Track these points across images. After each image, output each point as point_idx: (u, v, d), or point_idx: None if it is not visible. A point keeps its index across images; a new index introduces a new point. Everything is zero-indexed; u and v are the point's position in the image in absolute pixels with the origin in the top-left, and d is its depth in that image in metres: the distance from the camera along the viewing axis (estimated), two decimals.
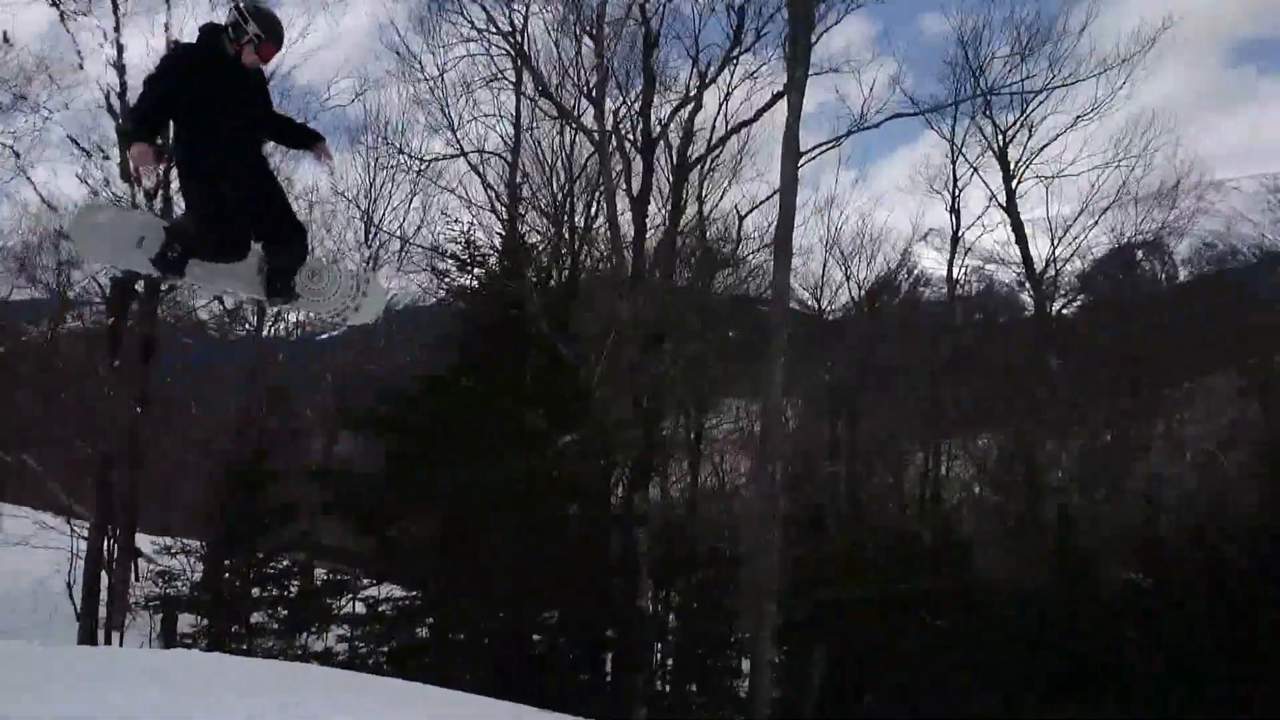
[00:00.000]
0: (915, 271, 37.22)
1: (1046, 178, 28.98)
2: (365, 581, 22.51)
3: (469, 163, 25.21)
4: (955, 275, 32.02)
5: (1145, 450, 30.38)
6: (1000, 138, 28.80)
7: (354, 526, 21.97)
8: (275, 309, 6.00)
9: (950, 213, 30.38)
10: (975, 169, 29.65)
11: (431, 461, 19.98)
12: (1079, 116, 27.74)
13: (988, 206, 29.95)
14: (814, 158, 23.61)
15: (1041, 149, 28.63)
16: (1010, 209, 29.04)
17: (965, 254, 31.54)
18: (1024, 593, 24.85)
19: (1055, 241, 29.91)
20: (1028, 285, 30.72)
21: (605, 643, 21.86)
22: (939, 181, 30.59)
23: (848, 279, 33.11)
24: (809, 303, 33.16)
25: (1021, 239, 29.38)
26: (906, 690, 22.01)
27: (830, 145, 24.58)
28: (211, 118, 6.05)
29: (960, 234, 30.63)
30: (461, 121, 24.95)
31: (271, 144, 7.35)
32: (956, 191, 30.02)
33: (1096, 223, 29.63)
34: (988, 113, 28.72)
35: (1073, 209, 30.09)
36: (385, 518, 20.82)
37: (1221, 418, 35.29)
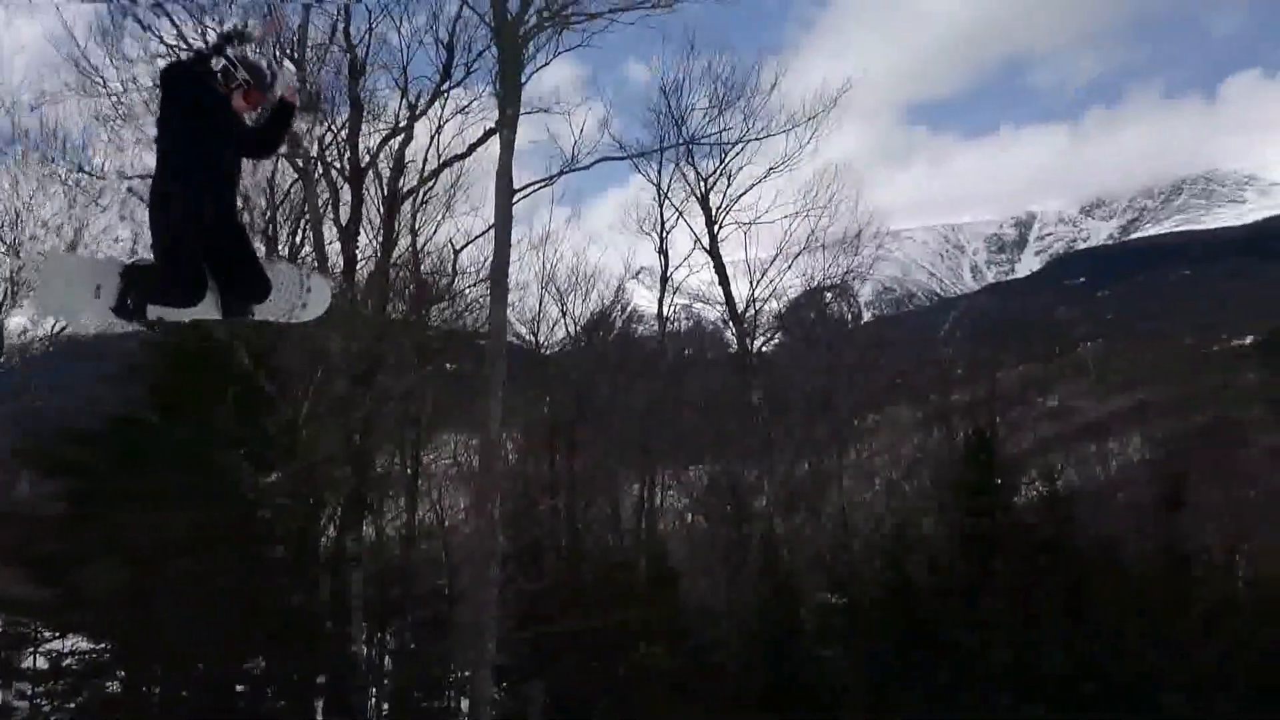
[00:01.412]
0: (628, 309, 38.20)
1: (744, 223, 30.68)
2: (47, 634, 20.75)
3: None
4: (665, 313, 33.15)
5: (838, 478, 32.43)
6: (702, 184, 30.27)
7: (33, 575, 19.91)
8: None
9: (659, 253, 31.48)
10: (681, 213, 30.96)
11: (119, 504, 18.48)
12: (772, 168, 29.77)
13: (693, 249, 31.18)
14: (527, 195, 23.84)
15: (740, 196, 30.34)
16: (713, 252, 30.45)
17: (674, 293, 32.75)
18: (733, 616, 25.85)
19: (754, 283, 31.65)
20: (731, 324, 32.23)
21: (316, 690, 20.83)
22: (648, 223, 31.54)
23: (564, 315, 33.53)
24: (526, 337, 33.31)
25: (724, 280, 30.89)
26: (625, 717, 22.27)
27: (543, 184, 24.94)
28: (201, 146, 6.21)
29: (669, 274, 31.75)
30: (151, 140, 23.34)
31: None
32: (664, 233, 31.17)
33: (790, 266, 31.72)
34: (690, 160, 30.17)
35: (769, 253, 31.91)
36: (68, 565, 19.00)
37: (904, 447, 38.33)
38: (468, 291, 28.38)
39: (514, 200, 21.89)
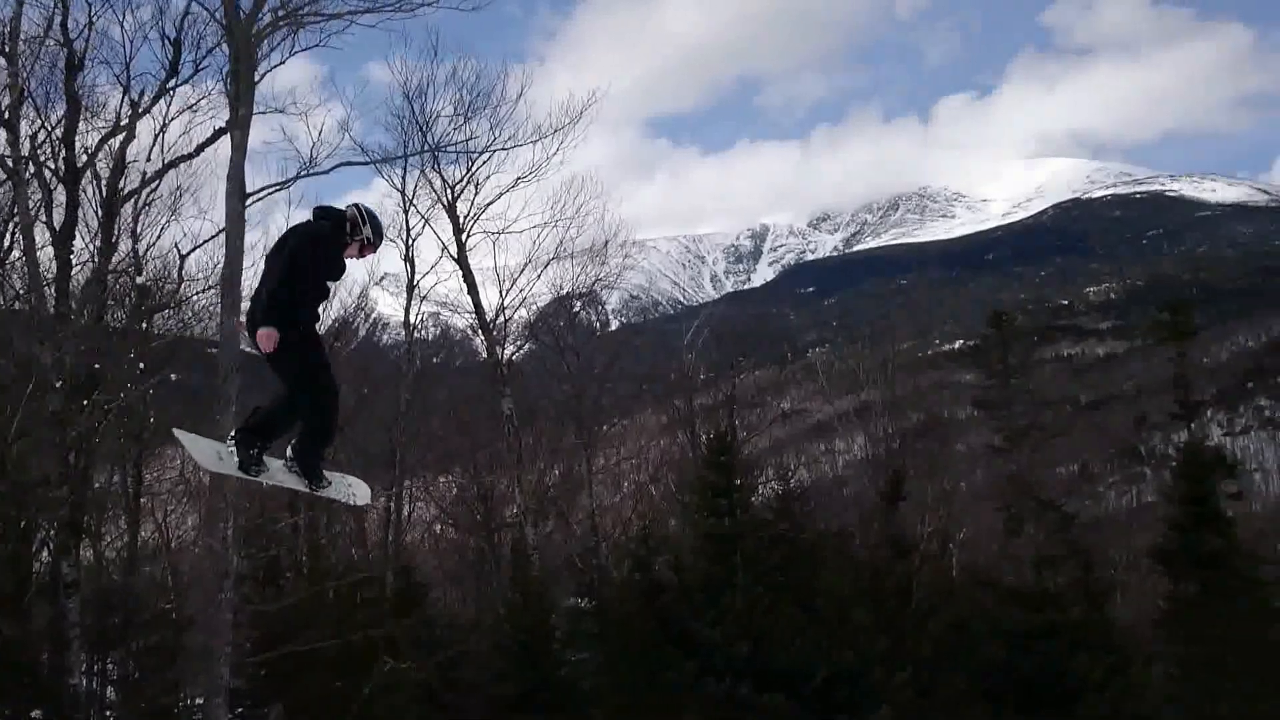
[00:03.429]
0: (372, 316, 37.26)
1: (493, 233, 30.49)
2: None
3: None
4: (412, 321, 32.41)
5: (588, 483, 32.92)
6: (449, 192, 29.71)
7: None
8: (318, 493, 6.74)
9: (405, 260, 30.65)
10: (427, 220, 30.30)
11: None
12: (520, 178, 29.62)
13: (441, 257, 30.60)
14: (262, 198, 22.56)
15: (488, 205, 30.02)
16: (461, 260, 30.08)
17: (421, 300, 32.08)
18: (483, 626, 25.73)
19: (504, 292, 31.54)
20: (480, 332, 32.04)
21: None
22: (393, 230, 30.54)
23: None
24: None
25: (472, 289, 30.59)
26: None
27: (278, 187, 23.55)
28: (318, 291, 7.42)
29: (416, 281, 31.05)
30: None
31: None
32: (410, 240, 30.37)
33: (540, 275, 31.79)
34: (436, 167, 29.53)
35: (519, 262, 31.89)
36: None
37: (651, 451, 39.34)
38: (196, 299, 26.79)
39: (247, 204, 20.87)
